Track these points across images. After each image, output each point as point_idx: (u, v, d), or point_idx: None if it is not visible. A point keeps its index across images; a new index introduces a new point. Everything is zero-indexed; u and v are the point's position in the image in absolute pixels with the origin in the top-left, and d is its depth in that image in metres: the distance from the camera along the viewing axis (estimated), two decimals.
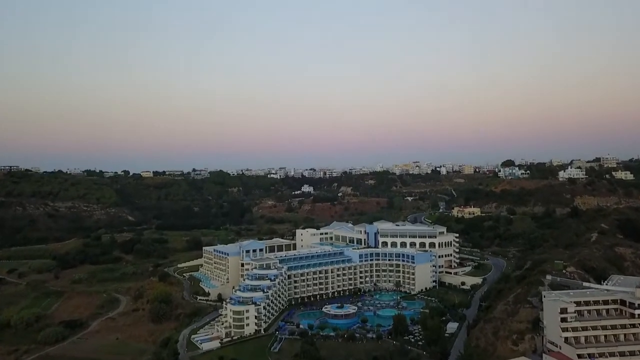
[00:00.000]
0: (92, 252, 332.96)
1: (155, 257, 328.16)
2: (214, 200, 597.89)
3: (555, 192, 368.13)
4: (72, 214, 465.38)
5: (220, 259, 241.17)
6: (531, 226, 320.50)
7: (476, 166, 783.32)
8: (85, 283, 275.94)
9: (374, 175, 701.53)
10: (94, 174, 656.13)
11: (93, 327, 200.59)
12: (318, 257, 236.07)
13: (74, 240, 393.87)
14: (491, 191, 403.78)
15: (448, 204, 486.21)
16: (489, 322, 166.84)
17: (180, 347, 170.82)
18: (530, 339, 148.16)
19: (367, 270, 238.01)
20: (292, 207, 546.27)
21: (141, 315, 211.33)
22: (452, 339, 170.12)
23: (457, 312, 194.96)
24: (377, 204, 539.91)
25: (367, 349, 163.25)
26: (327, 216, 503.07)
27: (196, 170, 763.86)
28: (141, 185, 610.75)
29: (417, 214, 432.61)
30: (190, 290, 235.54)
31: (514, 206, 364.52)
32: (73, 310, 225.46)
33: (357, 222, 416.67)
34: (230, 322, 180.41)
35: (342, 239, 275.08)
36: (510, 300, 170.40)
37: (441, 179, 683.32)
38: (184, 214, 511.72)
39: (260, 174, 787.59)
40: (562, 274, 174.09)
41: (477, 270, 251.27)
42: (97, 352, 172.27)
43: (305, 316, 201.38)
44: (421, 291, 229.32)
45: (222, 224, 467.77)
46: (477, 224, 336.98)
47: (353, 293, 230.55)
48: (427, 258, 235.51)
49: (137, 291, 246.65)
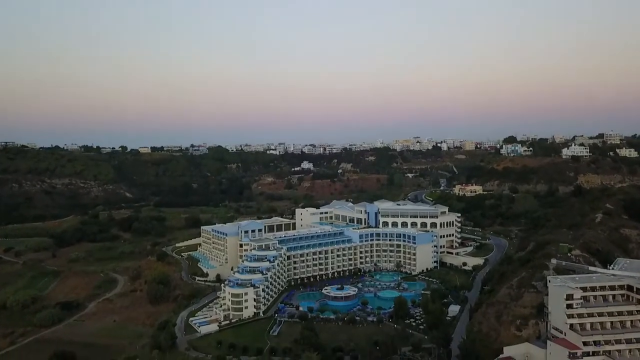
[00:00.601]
0: (89, 230, 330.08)
1: (153, 236, 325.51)
2: (213, 176, 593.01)
3: (559, 170, 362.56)
4: (69, 190, 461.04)
5: (219, 239, 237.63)
6: (534, 205, 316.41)
7: (477, 142, 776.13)
8: (82, 262, 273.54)
9: (374, 151, 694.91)
10: (91, 149, 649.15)
11: (90, 309, 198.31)
12: (318, 237, 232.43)
13: (71, 217, 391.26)
14: (493, 169, 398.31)
15: (449, 181, 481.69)
16: (491, 306, 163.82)
17: (178, 331, 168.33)
18: (534, 324, 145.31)
19: (368, 250, 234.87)
20: (291, 184, 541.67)
21: (139, 296, 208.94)
22: (453, 322, 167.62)
23: (458, 294, 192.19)
24: (377, 181, 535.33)
25: (367, 333, 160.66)
26: (327, 193, 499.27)
27: (194, 146, 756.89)
28: (139, 161, 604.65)
29: (417, 192, 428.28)
30: (188, 270, 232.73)
31: (516, 184, 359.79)
32: (70, 290, 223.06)
33: (357, 200, 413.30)
34: (228, 305, 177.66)
35: (342, 219, 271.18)
36: (514, 284, 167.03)
37: (442, 155, 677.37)
38: (183, 191, 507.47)
39: (259, 150, 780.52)
40: (567, 258, 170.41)
41: (478, 251, 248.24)
42: (93, 336, 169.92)
43: (305, 298, 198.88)
44: (422, 272, 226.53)
45: (221, 201, 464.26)
46: (478, 203, 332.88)
47: (353, 273, 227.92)
48: (429, 238, 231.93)
49: (134, 271, 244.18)
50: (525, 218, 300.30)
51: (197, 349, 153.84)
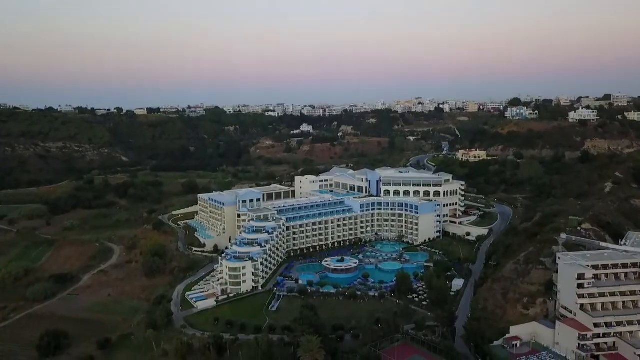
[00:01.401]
0: (84, 196, 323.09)
1: (149, 202, 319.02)
2: (210, 139, 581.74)
3: (565, 134, 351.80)
4: (64, 155, 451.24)
5: (216, 209, 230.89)
6: (539, 171, 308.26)
7: (480, 103, 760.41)
8: (77, 230, 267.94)
9: (375, 113, 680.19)
10: (86, 111, 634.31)
11: (84, 282, 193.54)
12: (318, 207, 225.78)
13: (66, 182, 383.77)
14: (497, 133, 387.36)
15: (452, 145, 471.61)
16: (497, 282, 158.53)
17: (174, 306, 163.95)
18: (542, 303, 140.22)
19: (369, 220, 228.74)
20: (290, 147, 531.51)
21: (134, 268, 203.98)
22: (457, 297, 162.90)
23: (462, 267, 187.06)
24: (378, 145, 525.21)
25: (368, 309, 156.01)
26: (327, 157, 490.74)
27: (191, 107, 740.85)
28: (135, 123, 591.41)
29: (420, 157, 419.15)
30: (185, 240, 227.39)
31: (521, 149, 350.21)
32: (64, 261, 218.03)
33: (358, 165, 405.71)
34: (226, 279, 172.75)
35: (342, 187, 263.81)
36: (520, 259, 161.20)
37: (444, 117, 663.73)
38: (180, 155, 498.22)
39: (257, 111, 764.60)
40: (576, 232, 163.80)
41: (482, 220, 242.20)
42: (87, 311, 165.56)
43: (305, 270, 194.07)
44: (424, 242, 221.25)
45: (219, 166, 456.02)
46: (482, 169, 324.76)
47: (353, 244, 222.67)
48: (432, 208, 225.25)
49: (130, 241, 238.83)
50: (531, 185, 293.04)
51: (193, 326, 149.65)
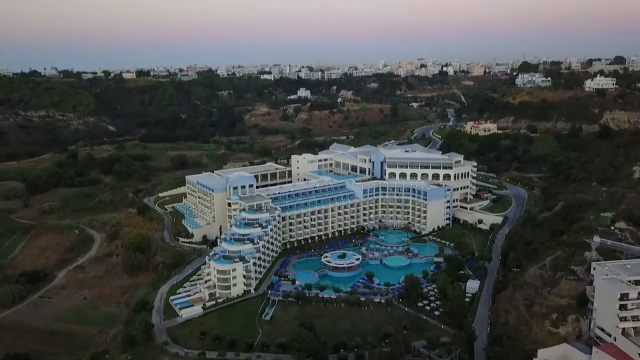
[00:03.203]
0: (66, 173, 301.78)
1: (136, 180, 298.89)
2: (203, 105, 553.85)
3: (582, 105, 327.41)
4: (47, 124, 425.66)
5: (205, 195, 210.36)
6: (554, 147, 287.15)
7: (485, 65, 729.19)
8: (56, 214, 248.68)
9: (377, 77, 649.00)
10: (71, 75, 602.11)
11: (59, 280, 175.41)
12: (316, 192, 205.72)
13: (49, 155, 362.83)
14: (508, 102, 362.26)
15: (458, 113, 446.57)
16: (519, 290, 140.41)
17: (156, 314, 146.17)
18: (574, 320, 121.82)
19: (372, 207, 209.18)
20: (287, 115, 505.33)
21: (114, 263, 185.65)
22: (473, 304, 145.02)
23: (476, 264, 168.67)
24: (380, 112, 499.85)
25: (374, 320, 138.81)
26: (326, 126, 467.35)
27: (183, 70, 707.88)
28: (123, 89, 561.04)
29: (425, 128, 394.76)
30: (172, 230, 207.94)
31: (534, 121, 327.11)
32: (39, 253, 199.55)
33: (359, 137, 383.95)
34: (214, 282, 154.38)
35: (343, 167, 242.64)
36: (546, 264, 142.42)
37: (448, 82, 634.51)
38: (170, 123, 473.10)
39: (252, 73, 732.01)
40: (610, 233, 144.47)
41: (495, 205, 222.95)
42: (59, 319, 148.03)
43: (302, 266, 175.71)
44: (433, 231, 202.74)
45: (212, 136, 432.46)
46: (492, 143, 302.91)
47: (355, 232, 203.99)
48: (441, 194, 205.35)
49: (113, 227, 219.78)
50: (545, 162, 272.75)
51: (177, 341, 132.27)
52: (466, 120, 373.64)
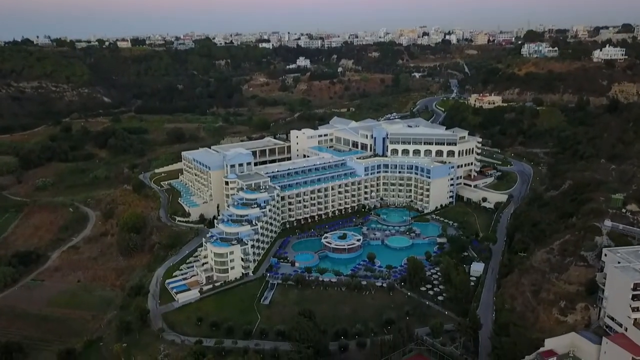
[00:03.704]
0: (60, 148, 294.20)
1: (132, 154, 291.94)
2: (200, 76, 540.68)
3: (590, 77, 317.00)
4: (40, 96, 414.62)
5: (202, 172, 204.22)
6: (560, 121, 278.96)
7: (489, 33, 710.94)
8: (50, 190, 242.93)
9: (378, 46, 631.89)
10: (65, 44, 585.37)
11: (52, 262, 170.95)
12: (316, 170, 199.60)
13: (42, 128, 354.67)
14: (513, 74, 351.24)
15: (461, 84, 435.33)
16: (526, 274, 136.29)
17: (152, 298, 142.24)
18: (583, 308, 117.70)
19: (374, 184, 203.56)
20: (286, 85, 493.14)
21: (109, 243, 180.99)
22: (477, 288, 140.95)
23: (481, 246, 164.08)
24: (381, 82, 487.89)
25: (376, 304, 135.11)
26: (326, 97, 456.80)
27: (179, 39, 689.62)
28: (118, 58, 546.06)
29: (427, 100, 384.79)
30: (168, 208, 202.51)
31: (540, 94, 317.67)
32: (32, 232, 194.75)
33: (360, 109, 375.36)
34: (211, 265, 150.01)
35: (344, 142, 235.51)
36: (554, 248, 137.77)
37: (451, 51, 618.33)
38: (167, 94, 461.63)
39: (250, 42, 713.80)
40: (621, 216, 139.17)
41: (500, 182, 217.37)
42: (52, 304, 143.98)
43: (302, 247, 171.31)
44: (436, 209, 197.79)
45: (209, 107, 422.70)
46: (497, 117, 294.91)
47: (356, 211, 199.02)
48: (445, 171, 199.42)
49: (108, 205, 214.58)
50: (551, 137, 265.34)
51: (173, 328, 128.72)
52: (470, 92, 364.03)
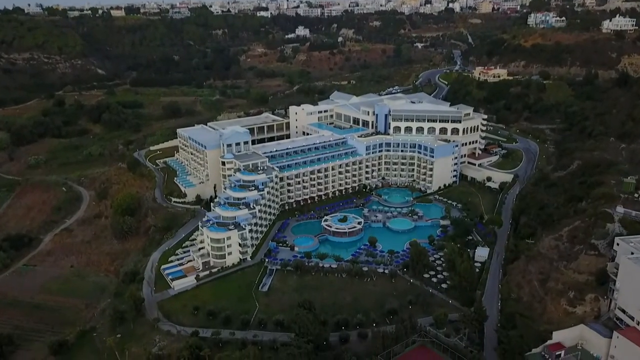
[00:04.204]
0: (53, 123, 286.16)
1: (126, 130, 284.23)
2: (196, 46, 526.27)
3: (599, 49, 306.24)
4: (32, 67, 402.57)
5: (198, 151, 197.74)
6: (568, 95, 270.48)
7: (494, 1, 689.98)
8: (43, 168, 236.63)
9: (380, 15, 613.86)
10: (56, 12, 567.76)
11: (45, 245, 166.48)
12: (316, 149, 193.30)
13: (35, 102, 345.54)
14: (519, 45, 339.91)
15: (465, 56, 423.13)
16: (533, 261, 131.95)
17: (147, 285, 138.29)
18: (592, 300, 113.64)
19: (375, 164, 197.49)
20: (285, 56, 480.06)
21: (103, 226, 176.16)
22: (482, 274, 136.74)
23: (486, 229, 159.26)
24: (382, 53, 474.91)
25: (377, 292, 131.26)
26: (326, 68, 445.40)
27: (175, 7, 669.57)
28: (112, 28, 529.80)
29: (430, 72, 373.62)
30: (163, 188, 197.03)
31: (546, 66, 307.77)
32: (24, 213, 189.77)
33: (361, 82, 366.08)
34: (208, 250, 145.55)
35: (344, 119, 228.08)
36: (563, 234, 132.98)
37: (455, 20, 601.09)
38: (162, 65, 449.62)
39: (248, 10, 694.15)
40: (633, 201, 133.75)
41: (505, 161, 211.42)
42: (44, 291, 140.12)
43: (302, 229, 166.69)
44: (439, 189, 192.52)
45: (206, 79, 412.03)
46: (502, 91, 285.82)
47: (357, 191, 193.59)
48: (449, 150, 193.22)
49: (102, 185, 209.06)
50: (558, 112, 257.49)
51: (169, 317, 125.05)
52: (474, 64, 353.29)
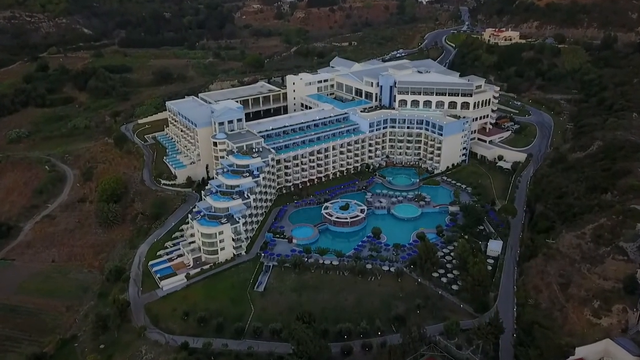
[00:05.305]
0: (36, 91, 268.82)
1: (114, 97, 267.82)
2: (188, 1, 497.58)
3: (618, 9, 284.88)
4: (13, 27, 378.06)
5: (188, 129, 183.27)
6: (584, 61, 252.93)
7: None
8: (25, 143, 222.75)
9: None
10: None
11: (25, 235, 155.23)
12: (316, 127, 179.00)
13: (17, 65, 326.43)
14: (532, 4, 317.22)
15: (473, 14, 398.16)
16: (552, 261, 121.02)
17: (134, 284, 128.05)
18: (620, 311, 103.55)
19: (379, 142, 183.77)
20: (282, 13, 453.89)
21: (87, 212, 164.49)
22: (495, 272, 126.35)
23: (498, 218, 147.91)
24: (385, 10, 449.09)
25: (383, 293, 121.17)
26: (325, 27, 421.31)
27: None
28: None
29: (436, 33, 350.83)
30: (152, 169, 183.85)
31: (561, 28, 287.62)
32: (4, 197, 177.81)
33: (363, 43, 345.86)
34: (199, 245, 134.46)
35: (346, 89, 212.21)
36: (587, 233, 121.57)
37: None
38: (153, 23, 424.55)
39: None
40: None
41: (518, 137, 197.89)
42: (22, 290, 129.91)
43: (300, 217, 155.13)
44: (447, 169, 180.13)
45: (199, 39, 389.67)
46: (514, 56, 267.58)
47: (359, 172, 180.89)
48: (459, 127, 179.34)
49: (87, 163, 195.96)
50: (573, 81, 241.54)
51: (157, 323, 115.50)
52: (483, 23, 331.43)
